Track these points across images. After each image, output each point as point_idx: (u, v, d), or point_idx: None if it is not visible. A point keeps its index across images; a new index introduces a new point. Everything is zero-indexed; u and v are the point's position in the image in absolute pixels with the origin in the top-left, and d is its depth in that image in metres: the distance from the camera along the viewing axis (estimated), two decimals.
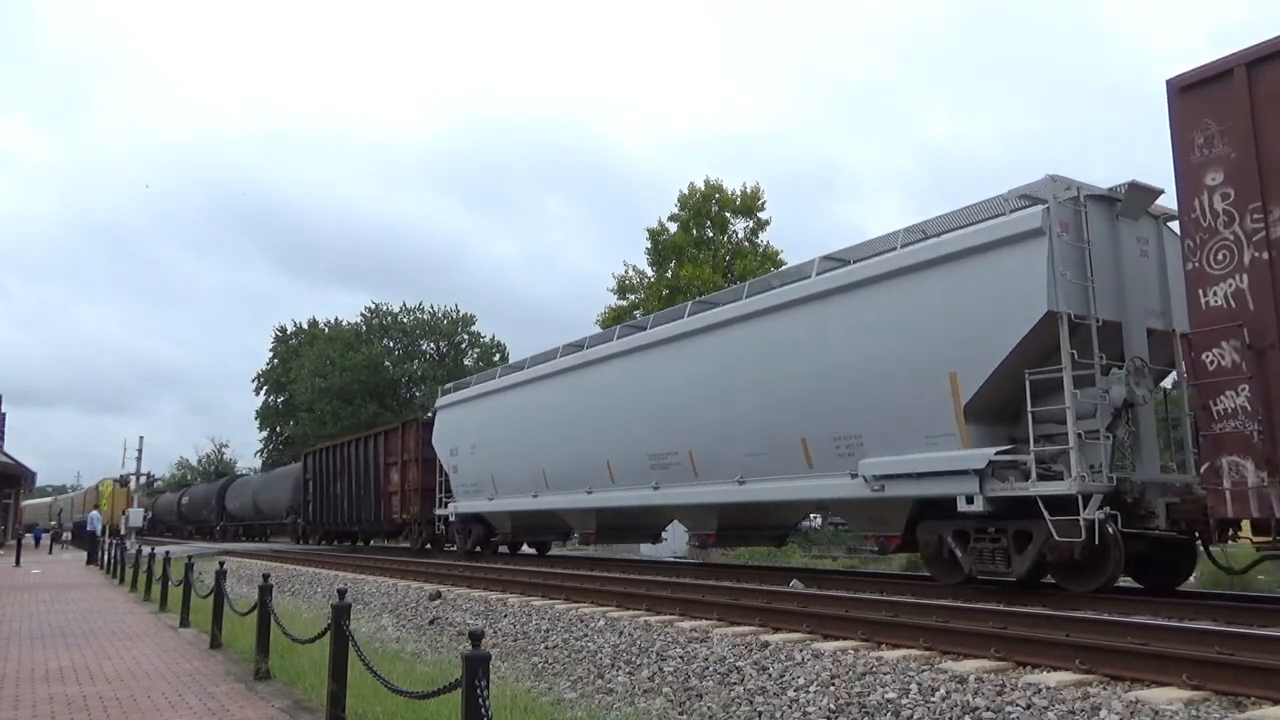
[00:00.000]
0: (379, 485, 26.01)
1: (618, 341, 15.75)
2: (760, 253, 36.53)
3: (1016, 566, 9.53)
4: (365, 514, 26.96)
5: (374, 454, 26.51)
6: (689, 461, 13.75)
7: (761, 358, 12.40)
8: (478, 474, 20.07)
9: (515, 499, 18.79)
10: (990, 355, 9.52)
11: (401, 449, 24.74)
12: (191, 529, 55.37)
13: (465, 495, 20.85)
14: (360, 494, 27.44)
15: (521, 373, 19.05)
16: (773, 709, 5.99)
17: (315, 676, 6.41)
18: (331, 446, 30.98)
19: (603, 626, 9.11)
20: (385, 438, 26.19)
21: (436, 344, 61.79)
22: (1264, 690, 5.09)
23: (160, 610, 12.69)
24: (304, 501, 33.18)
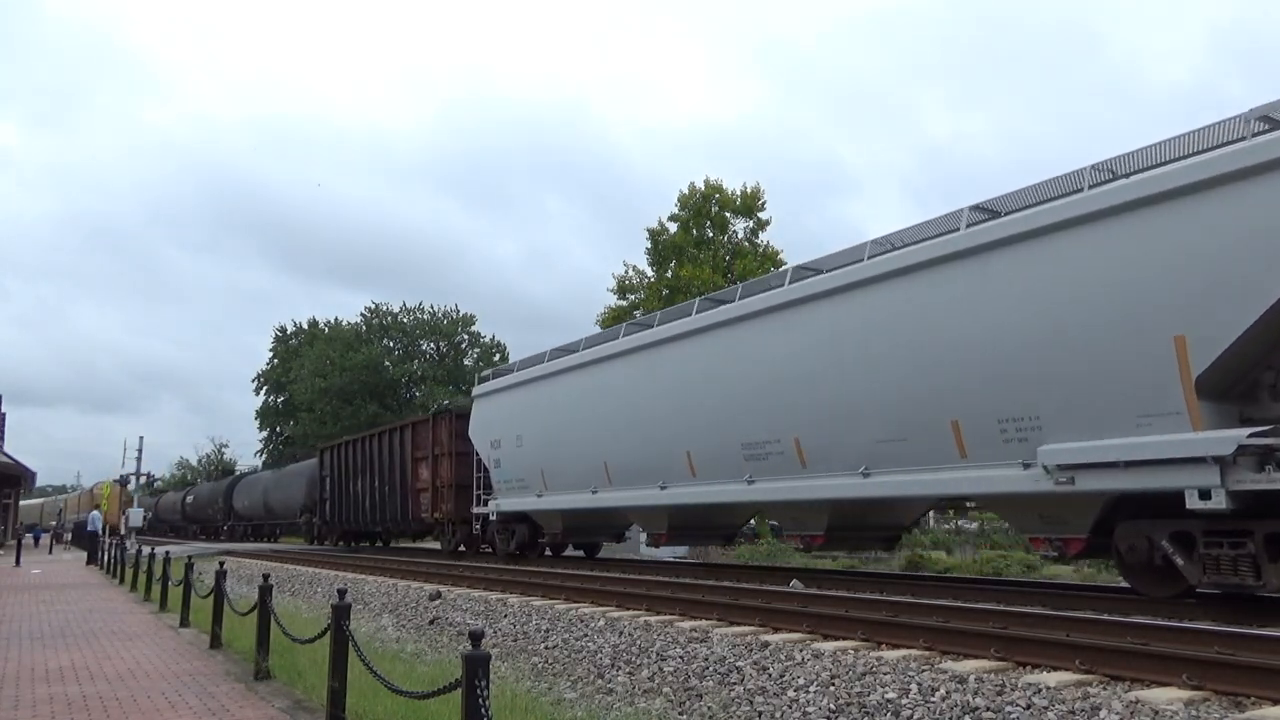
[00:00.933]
0: (406, 482, 24.01)
1: (699, 316, 13.85)
2: (760, 253, 36.51)
3: (1271, 578, 7.62)
4: (390, 513, 25.13)
5: (400, 448, 24.53)
6: (794, 451, 11.88)
7: (893, 327, 10.48)
8: (523, 468, 18.18)
9: (569, 495, 16.92)
10: (1239, 312, 7.49)
11: (432, 442, 22.57)
12: (196, 529, 54.20)
13: (508, 492, 18.94)
14: (384, 491, 25.48)
15: (576, 355, 16.88)
16: (773, 709, 5.99)
17: (315, 676, 6.41)
18: (351, 441, 28.89)
19: (603, 626, 9.11)
20: (413, 431, 24.05)
21: (436, 344, 61.82)
22: (1264, 690, 5.09)
23: (160, 610, 12.69)
24: (320, 500, 31.39)
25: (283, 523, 39.38)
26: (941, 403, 9.94)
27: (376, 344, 59.89)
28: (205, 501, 51.59)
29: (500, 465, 19.06)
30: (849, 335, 11.11)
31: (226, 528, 46.67)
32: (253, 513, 42.69)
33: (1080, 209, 8.72)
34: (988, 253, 9.56)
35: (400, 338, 61.64)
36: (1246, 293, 7.49)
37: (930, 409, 10.09)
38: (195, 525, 54.09)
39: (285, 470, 41.00)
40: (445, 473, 21.89)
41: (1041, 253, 9.06)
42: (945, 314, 9.92)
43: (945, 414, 9.92)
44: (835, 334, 11.31)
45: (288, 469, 40.96)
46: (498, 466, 19.18)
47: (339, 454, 29.69)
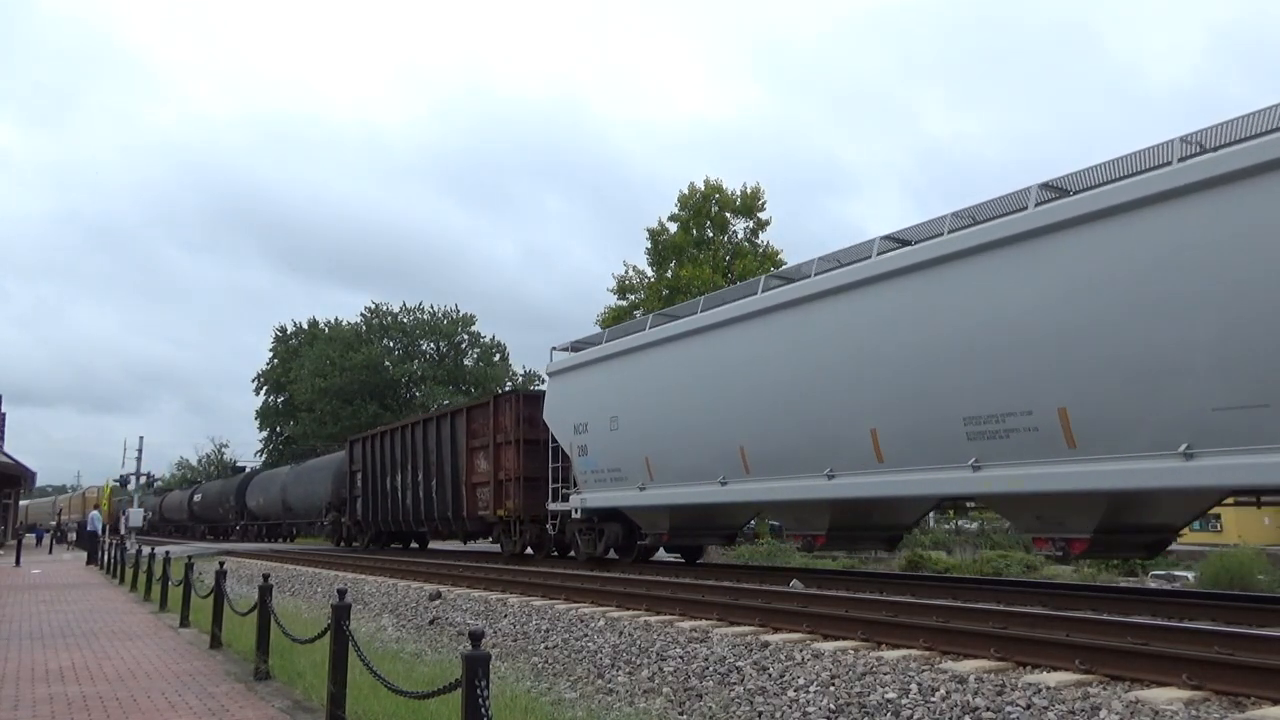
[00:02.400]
0: (459, 475, 20.89)
1: (882, 259, 10.88)
2: (760, 253, 36.51)
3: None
4: (437, 511, 21.96)
5: (452, 437, 21.34)
6: (1058, 425, 8.86)
7: (1230, 248, 7.62)
8: (620, 456, 15.27)
9: (685, 488, 13.95)
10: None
11: (494, 428, 19.35)
12: (204, 529, 51.94)
13: (597, 485, 15.96)
14: (431, 487, 22.38)
15: (694, 319, 13.87)
16: (773, 709, 5.99)
17: (315, 676, 6.41)
18: (389, 431, 25.88)
19: (603, 626, 9.11)
20: (468, 416, 20.84)
21: (436, 344, 61.84)
22: (1264, 690, 5.09)
23: (160, 610, 12.69)
24: (349, 497, 28.58)
25: (303, 522, 36.92)
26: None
27: (376, 344, 59.92)
28: (215, 500, 49.25)
29: (587, 453, 16.06)
30: (1139, 270, 8.20)
31: (239, 527, 44.55)
32: (268, 511, 40.21)
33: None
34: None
35: (400, 338, 61.68)
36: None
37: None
38: (203, 525, 52.09)
39: (306, 465, 37.70)
40: (510, 464, 18.78)
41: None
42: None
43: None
44: (1119, 271, 8.35)
45: (309, 464, 37.68)
46: (583, 455, 16.19)
47: (374, 446, 26.68)
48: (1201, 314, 7.84)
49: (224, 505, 46.63)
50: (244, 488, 44.17)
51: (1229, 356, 7.71)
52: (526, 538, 18.86)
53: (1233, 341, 7.66)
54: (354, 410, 55.16)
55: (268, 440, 66.06)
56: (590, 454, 16.10)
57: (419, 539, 28.40)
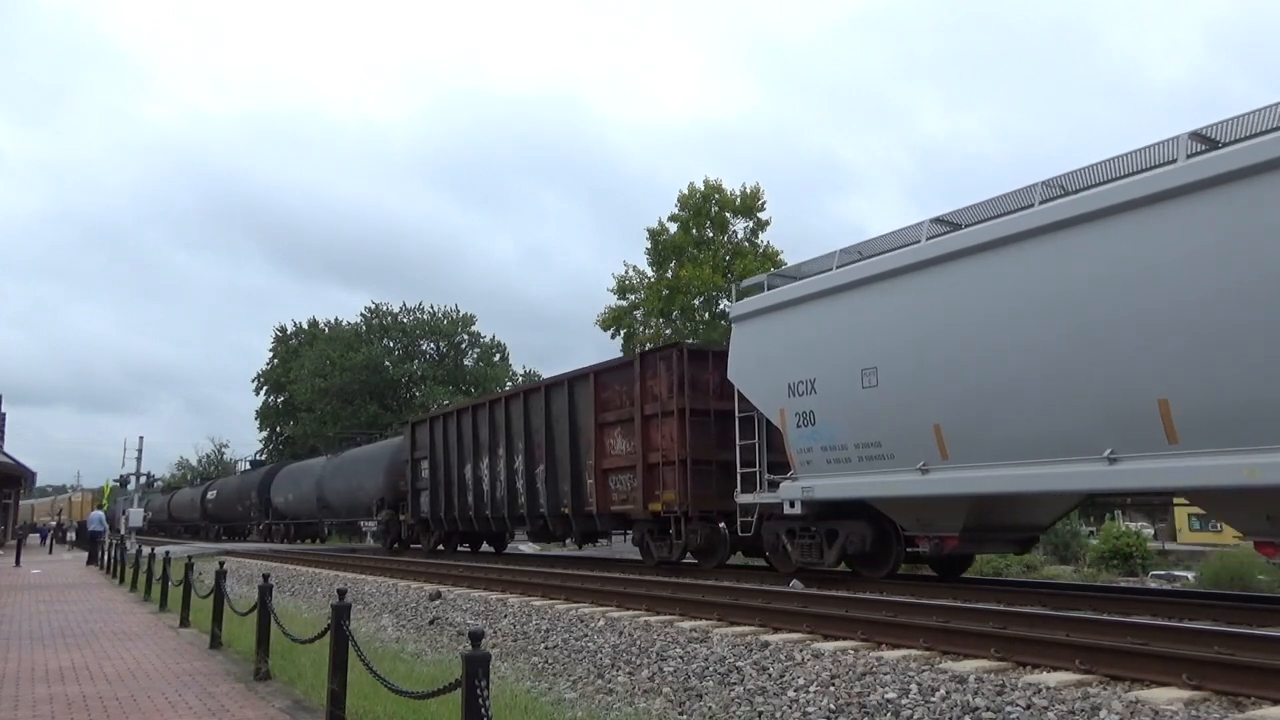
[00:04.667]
0: (579, 459, 16.60)
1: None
2: (760, 253, 36.55)
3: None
4: (547, 504, 17.56)
5: (570, 411, 16.87)
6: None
7: None
8: (881, 425, 11.04)
9: (1021, 469, 9.62)
10: None
11: (641, 396, 14.98)
12: (219, 529, 48.02)
13: (831, 467, 11.70)
14: (536, 475, 18.01)
15: (1037, 212, 9.46)
16: (773, 709, 5.99)
17: (315, 676, 6.41)
18: (468, 409, 21.51)
19: (603, 626, 9.11)
20: (596, 383, 16.20)
21: (436, 344, 61.89)
22: (1264, 690, 5.09)
23: (160, 610, 12.69)
24: (410, 490, 24.23)
25: (343, 521, 33.04)
26: None
27: (376, 344, 59.98)
28: (233, 497, 44.82)
29: (813, 423, 11.89)
30: None
31: (262, 527, 40.37)
32: (300, 509, 35.90)
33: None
34: None
35: (400, 338, 61.73)
36: None
37: None
38: (218, 525, 48.15)
39: (348, 455, 32.88)
40: (666, 442, 14.37)
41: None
42: None
43: None
44: None
45: (351, 454, 32.90)
46: (806, 426, 11.99)
47: (446, 428, 22.33)
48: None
49: (244, 502, 42.77)
50: (269, 482, 39.99)
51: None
52: (697, 537, 14.20)
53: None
54: (354, 410, 55.21)
55: (268, 440, 66.11)
56: (820, 424, 11.80)
57: (493, 541, 24.39)
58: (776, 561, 13.44)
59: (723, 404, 14.10)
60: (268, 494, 39.51)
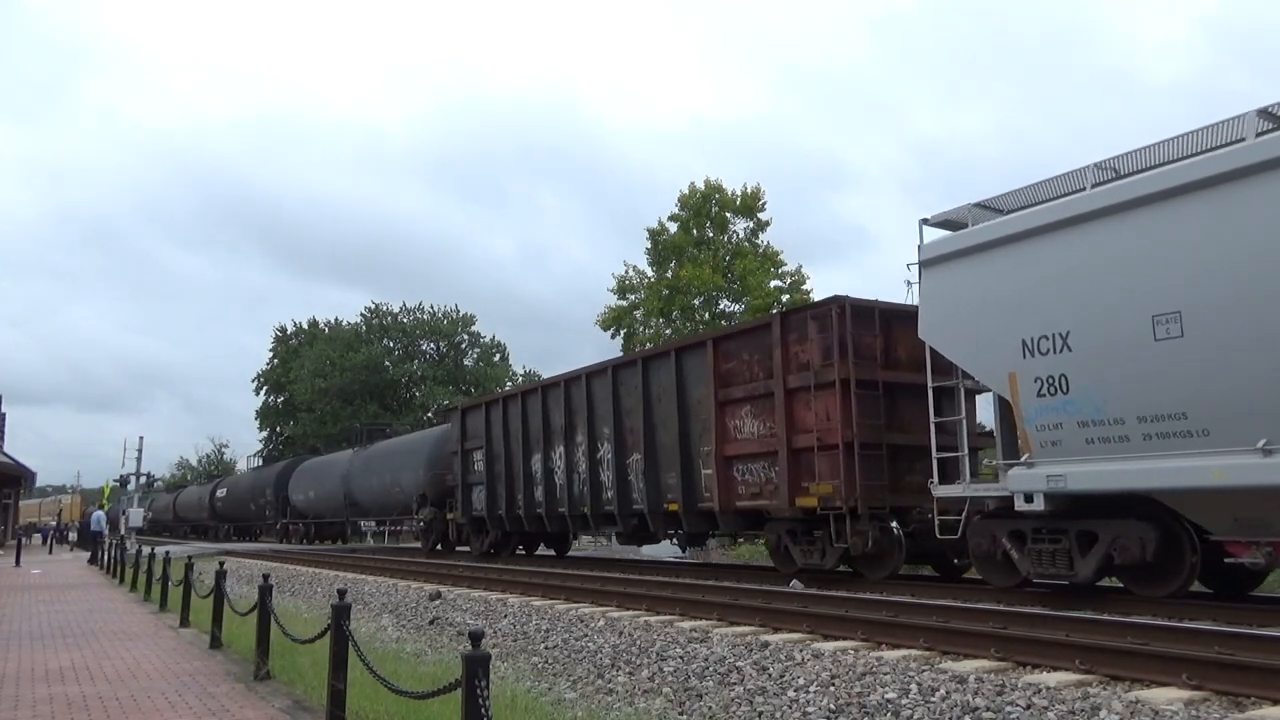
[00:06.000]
0: (691, 445, 14.00)
1: None
2: (761, 253, 36.55)
3: None
4: (646, 498, 14.83)
5: (678, 387, 14.22)
6: None
7: None
8: (1188, 390, 8.30)
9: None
10: None
11: (783, 365, 12.37)
12: (229, 529, 45.97)
13: (1095, 449, 9.00)
14: (629, 466, 15.45)
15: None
16: (773, 709, 5.99)
17: (315, 676, 6.41)
18: (542, 387, 18.54)
19: (603, 626, 9.12)
20: (716, 352, 13.53)
21: (436, 344, 61.92)
22: (1264, 690, 5.10)
23: (160, 610, 12.69)
24: (460, 485, 21.20)
25: (373, 520, 30.96)
26: None
27: (376, 344, 60.03)
28: (245, 495, 42.14)
29: (1065, 391, 9.19)
30: None
31: (279, 526, 37.69)
32: (323, 507, 33.36)
33: None
34: None
35: (400, 338, 61.77)
36: None
37: None
38: (228, 524, 45.99)
39: (380, 448, 29.92)
40: (820, 420, 11.79)
41: None
42: None
43: None
44: None
45: (383, 446, 30.03)
46: (1053, 395, 9.31)
47: (508, 412, 19.43)
48: None
49: (258, 501, 40.00)
50: (286, 479, 37.26)
51: None
52: (859, 543, 11.44)
53: None
54: (354, 410, 55.23)
55: (268, 440, 66.15)
56: (1077, 391, 9.16)
57: (554, 543, 21.51)
58: (989, 573, 10.37)
59: (894, 374, 11.91)
60: (285, 491, 36.82)
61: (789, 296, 34.87)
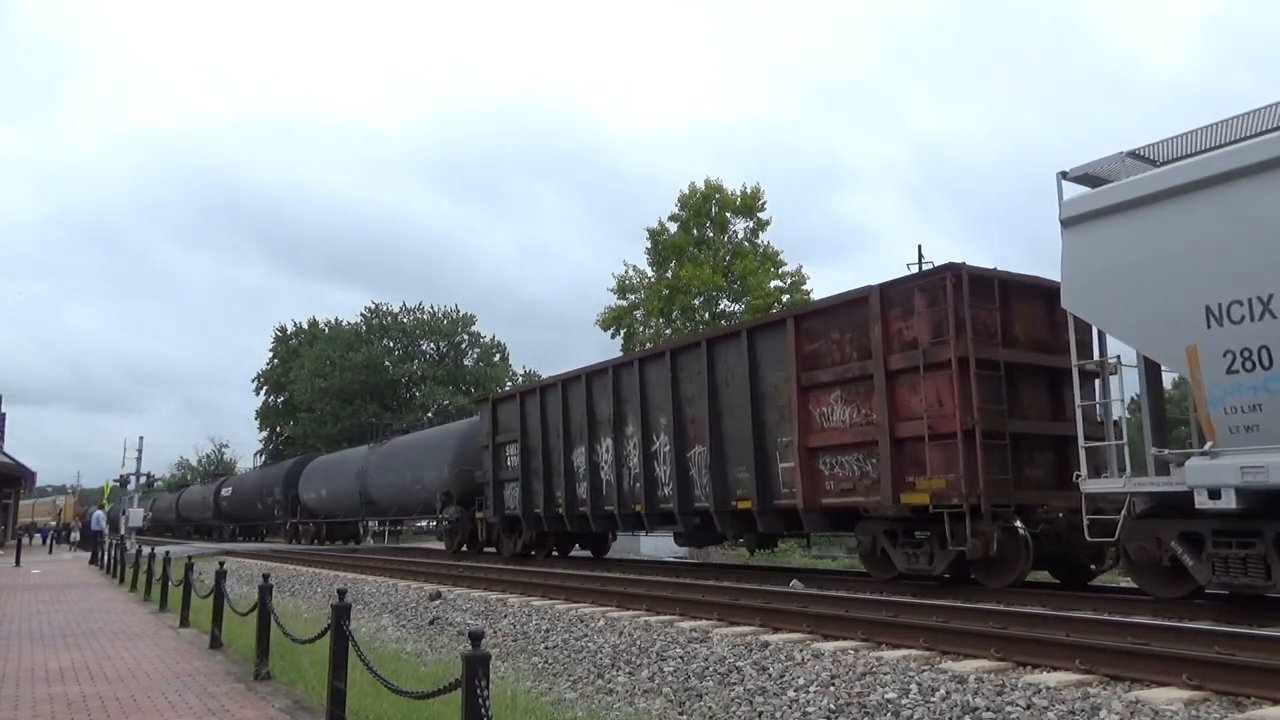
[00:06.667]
0: (767, 435, 12.57)
1: None
2: (761, 253, 36.58)
3: None
4: (712, 495, 13.38)
5: (751, 371, 12.81)
6: None
7: None
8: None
9: None
10: None
11: (884, 343, 11.03)
12: (234, 528, 44.86)
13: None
14: (691, 459, 14.06)
15: None
16: (773, 709, 5.99)
17: (315, 676, 6.41)
18: (586, 375, 16.95)
19: (603, 626, 9.12)
20: (798, 330, 12.15)
21: (436, 344, 61.96)
22: (1264, 690, 5.10)
23: (160, 610, 12.69)
24: (492, 482, 19.70)
25: (390, 519, 29.75)
26: None
27: (376, 344, 60.10)
28: (251, 494, 40.83)
29: (1269, 366, 7.83)
30: None
31: (289, 526, 36.30)
32: (336, 506, 31.96)
33: None
34: None
35: (400, 338, 61.84)
36: None
37: None
38: (234, 524, 44.86)
39: (399, 444, 28.40)
40: (931, 405, 10.41)
41: None
42: None
43: None
44: None
45: (402, 441, 28.44)
46: (1250, 370, 7.93)
47: (546, 402, 18.04)
48: None
49: (265, 500, 38.60)
50: (296, 477, 35.74)
51: None
52: (980, 545, 9.89)
53: None
54: (354, 410, 55.26)
55: (268, 440, 66.19)
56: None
57: (591, 544, 20.49)
58: (1150, 582, 8.92)
59: (1012, 353, 10.66)
60: (295, 490, 35.35)
61: (789, 296, 34.92)
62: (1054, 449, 10.70)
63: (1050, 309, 10.93)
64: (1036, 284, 10.96)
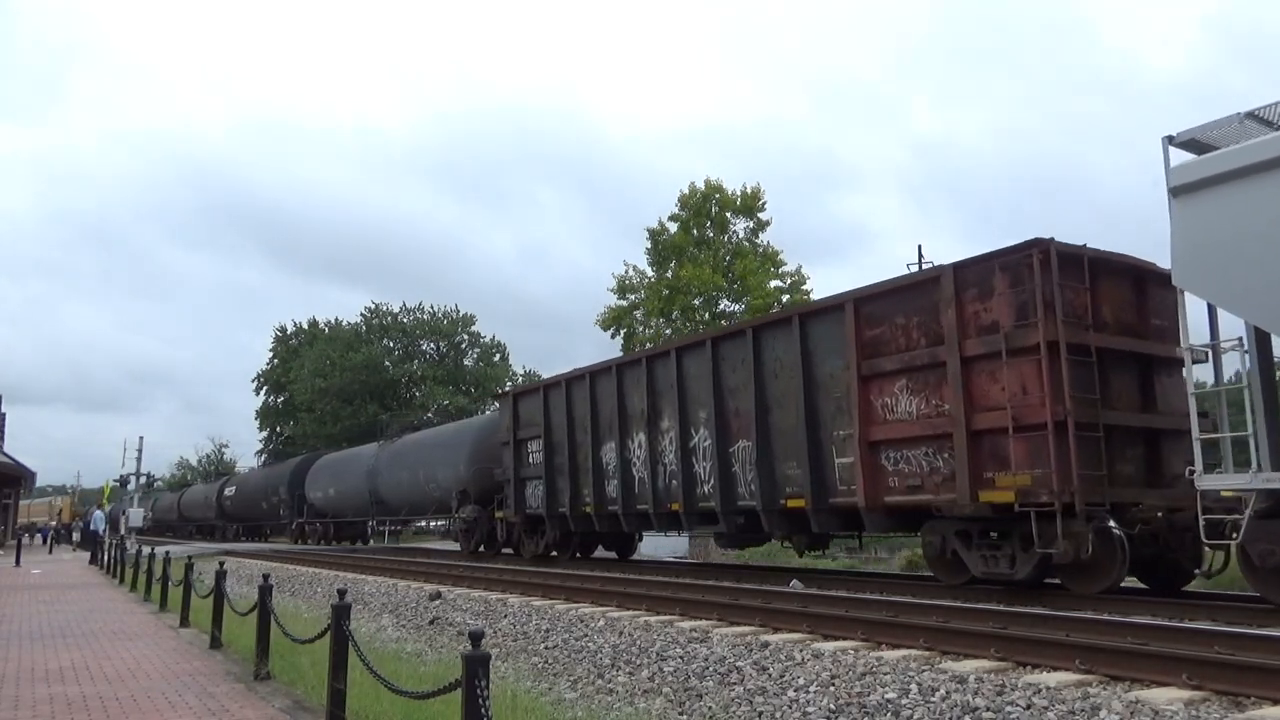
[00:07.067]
0: (824, 427, 11.66)
1: None
2: (761, 253, 36.59)
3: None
4: (761, 494, 12.39)
5: (804, 360, 11.91)
6: None
7: None
8: None
9: None
10: None
11: (959, 326, 10.13)
12: (238, 528, 44.05)
13: None
14: (734, 454, 13.09)
15: None
16: (773, 709, 5.99)
17: (315, 676, 6.41)
18: (617, 366, 16.18)
19: (603, 626, 9.12)
20: (858, 316, 11.25)
21: (436, 344, 61.97)
22: (1264, 690, 5.10)
23: (160, 610, 12.69)
24: (513, 480, 18.77)
25: (402, 519, 29.15)
26: None
27: (376, 344, 60.11)
28: (256, 493, 39.91)
29: None
30: None
31: (295, 526, 35.37)
32: (344, 505, 31.11)
33: None
34: None
35: (400, 338, 61.85)
36: None
37: None
38: (237, 524, 44.17)
39: (411, 440, 27.55)
40: (1015, 394, 9.51)
41: None
42: None
43: None
44: None
45: (414, 439, 27.59)
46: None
47: (572, 396, 17.21)
48: None
49: (270, 499, 37.71)
50: (302, 475, 34.85)
51: None
52: (1072, 547, 8.97)
53: None
54: (354, 410, 55.28)
55: (268, 440, 66.19)
56: None
57: (616, 545, 19.61)
58: (1274, 589, 8.12)
59: (1106, 338, 9.86)
60: (301, 489, 34.37)
61: (789, 297, 34.92)
62: (1145, 442, 9.99)
63: (1139, 290, 10.36)
64: (1125, 263, 10.26)
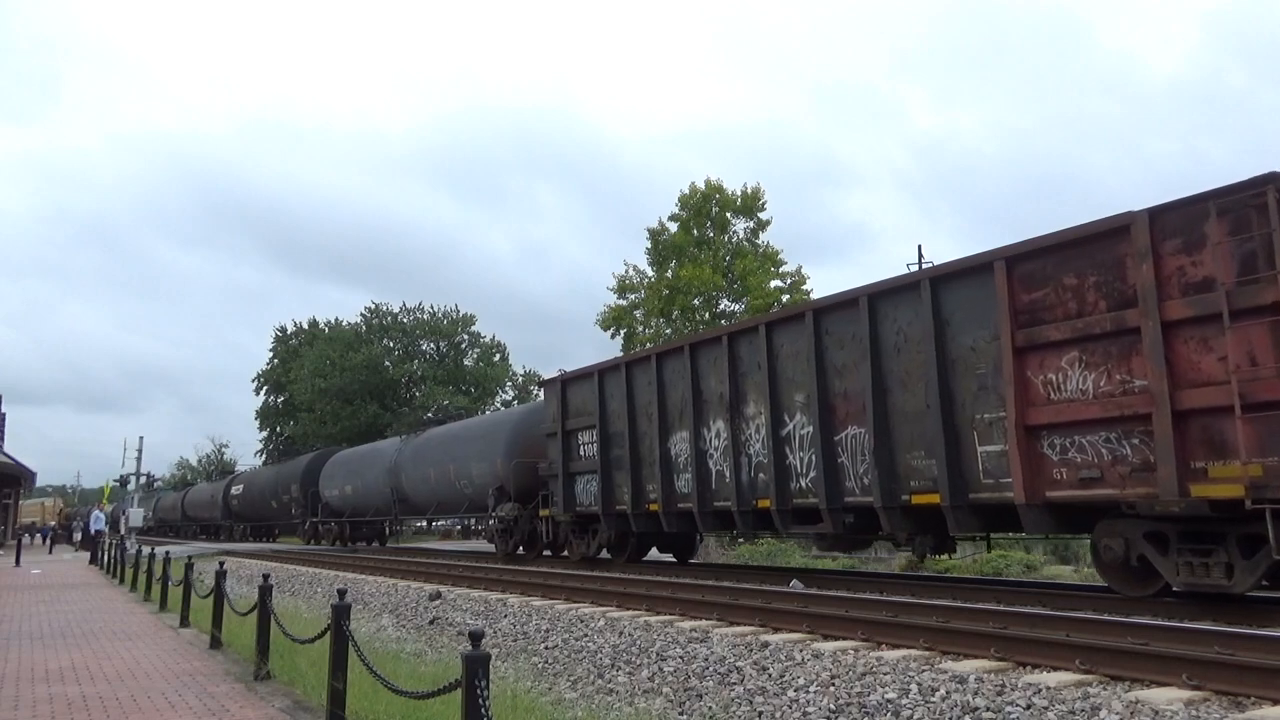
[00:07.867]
0: (963, 409, 9.94)
1: None
2: (761, 253, 36.58)
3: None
4: (879, 487, 10.66)
5: (937, 331, 10.17)
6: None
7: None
8: None
9: None
10: None
11: (1159, 286, 8.25)
12: (245, 528, 42.72)
13: None
14: (848, 441, 11.23)
15: None
16: (773, 709, 5.99)
17: (315, 676, 6.42)
18: (690, 345, 14.11)
19: (603, 626, 9.12)
20: (1011, 277, 9.46)
21: (436, 344, 61.96)
22: (1264, 690, 5.09)
23: (160, 610, 12.70)
24: (561, 476, 17.01)
25: (427, 519, 27.80)
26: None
27: (376, 344, 60.08)
28: (265, 491, 38.44)
29: None
30: None
31: (308, 526, 33.80)
32: (362, 504, 29.38)
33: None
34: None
35: (400, 338, 61.84)
36: None
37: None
38: (244, 524, 42.83)
39: (437, 434, 25.59)
40: (1242, 365, 7.71)
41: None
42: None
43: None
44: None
45: (441, 432, 25.67)
46: None
47: (633, 380, 15.46)
48: None
49: (280, 498, 36.21)
50: (315, 473, 33.38)
51: None
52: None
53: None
54: (354, 410, 55.27)
55: (268, 440, 66.19)
56: None
57: (676, 546, 17.96)
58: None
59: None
60: (315, 487, 32.71)
61: (789, 296, 34.91)
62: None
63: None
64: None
